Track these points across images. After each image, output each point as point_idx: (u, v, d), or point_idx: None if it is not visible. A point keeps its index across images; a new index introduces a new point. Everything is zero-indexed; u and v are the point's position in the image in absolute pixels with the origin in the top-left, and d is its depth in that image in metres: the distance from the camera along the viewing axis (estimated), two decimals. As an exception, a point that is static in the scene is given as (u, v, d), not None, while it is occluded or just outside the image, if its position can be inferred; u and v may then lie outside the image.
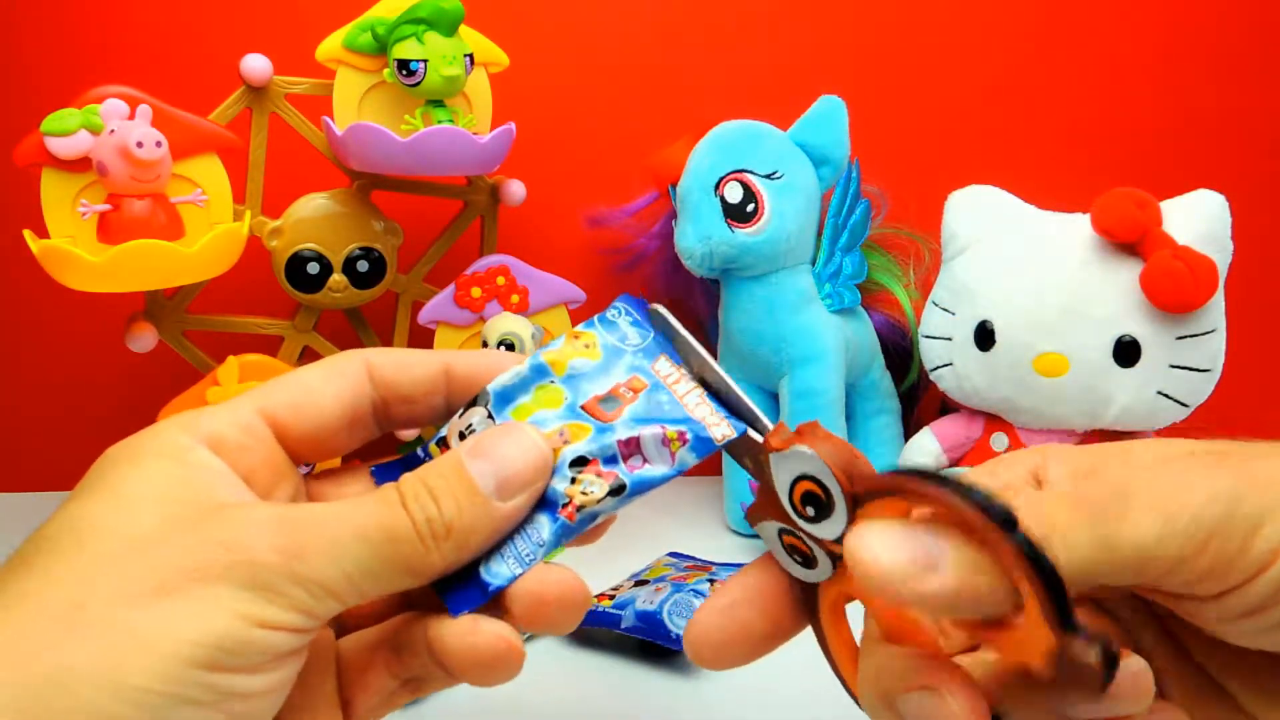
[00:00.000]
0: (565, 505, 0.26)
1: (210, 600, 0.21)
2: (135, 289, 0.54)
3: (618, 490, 0.26)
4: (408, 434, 0.62)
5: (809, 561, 0.25)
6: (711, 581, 0.51)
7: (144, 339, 0.59)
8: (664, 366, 0.28)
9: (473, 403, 0.28)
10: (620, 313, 0.29)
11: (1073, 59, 0.75)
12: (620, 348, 0.28)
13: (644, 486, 0.26)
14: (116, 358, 0.65)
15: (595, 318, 0.29)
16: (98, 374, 0.71)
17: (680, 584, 0.50)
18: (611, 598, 0.50)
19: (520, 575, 0.25)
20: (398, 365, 0.27)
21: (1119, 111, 0.75)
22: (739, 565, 0.56)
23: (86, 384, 0.72)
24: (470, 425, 0.27)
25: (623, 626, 0.48)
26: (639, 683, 0.47)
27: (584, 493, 0.26)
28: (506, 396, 0.27)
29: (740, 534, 0.64)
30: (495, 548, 0.26)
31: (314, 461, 0.27)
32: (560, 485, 0.26)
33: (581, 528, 0.26)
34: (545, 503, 0.26)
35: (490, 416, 0.27)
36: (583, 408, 0.27)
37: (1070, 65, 0.75)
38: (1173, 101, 0.75)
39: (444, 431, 0.28)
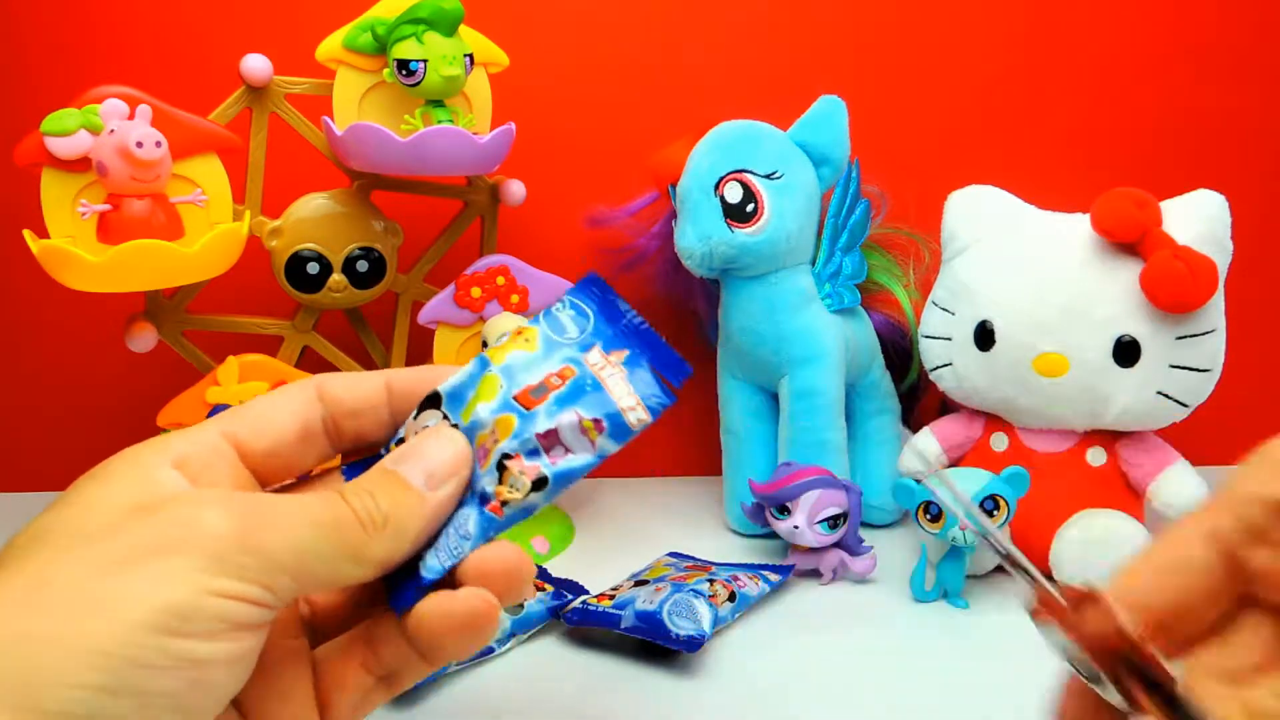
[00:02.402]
0: (491, 501, 0.27)
1: (167, 571, 0.23)
2: (135, 289, 0.54)
3: (539, 484, 0.27)
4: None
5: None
6: (711, 581, 0.51)
7: (144, 339, 0.59)
8: (595, 356, 0.29)
9: (428, 404, 0.29)
10: (564, 305, 0.30)
11: (1073, 59, 0.75)
12: (557, 340, 0.29)
13: (567, 478, 0.28)
14: (116, 358, 0.65)
15: (540, 312, 0.30)
16: (98, 374, 0.71)
17: (680, 584, 0.50)
18: (611, 598, 0.50)
19: (450, 567, 0.27)
20: (344, 383, 0.29)
21: (1119, 111, 0.75)
22: (739, 565, 0.56)
23: (86, 384, 0.72)
24: (425, 425, 0.29)
25: (623, 626, 0.48)
26: (639, 683, 0.47)
27: (510, 488, 0.27)
28: (457, 395, 0.29)
29: (740, 534, 0.64)
30: (430, 545, 0.27)
31: (276, 481, 0.29)
32: (489, 484, 0.27)
33: (512, 522, 0.28)
34: (476, 500, 0.28)
35: (445, 416, 0.29)
36: (514, 398, 0.28)
37: (1070, 65, 0.75)
38: (1173, 101, 0.75)
39: (402, 433, 0.30)
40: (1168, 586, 0.22)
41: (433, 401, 0.29)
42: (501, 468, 0.27)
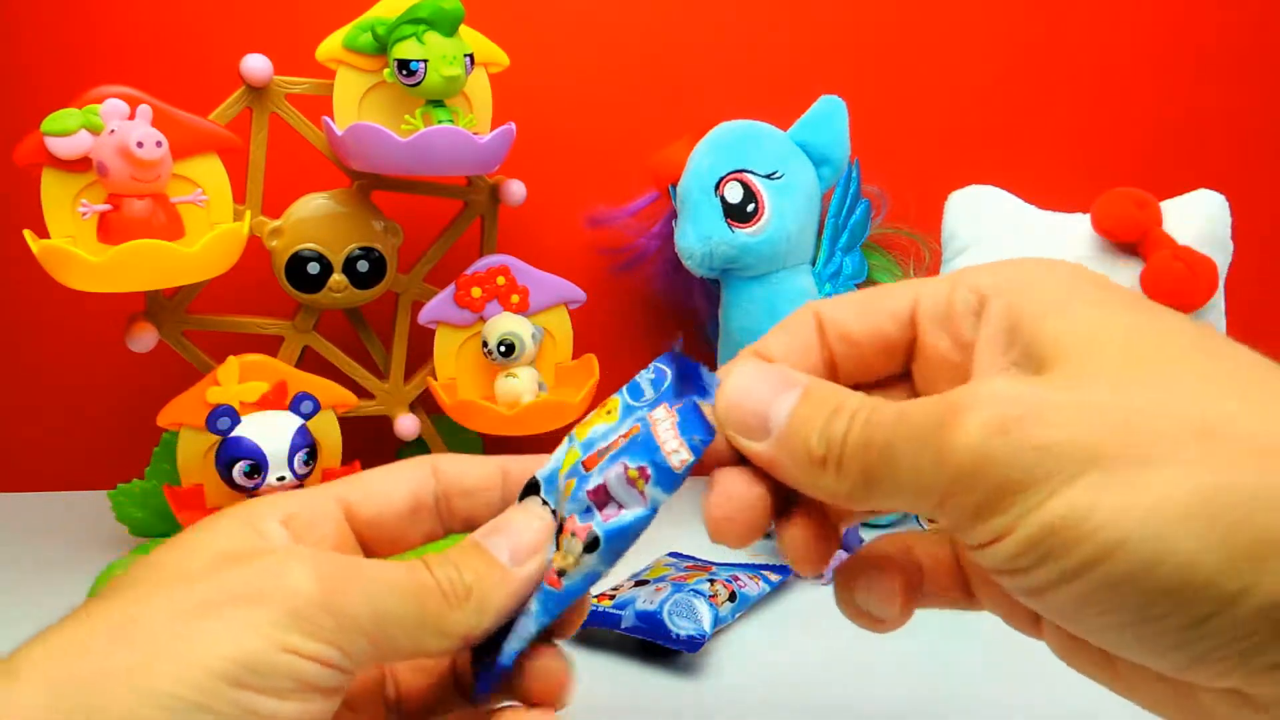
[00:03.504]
0: (548, 572, 0.27)
1: (245, 621, 0.22)
2: (135, 289, 0.54)
3: (591, 545, 0.26)
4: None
5: None
6: (711, 581, 0.51)
7: (144, 339, 0.59)
8: (660, 413, 0.27)
9: (529, 491, 0.28)
10: (648, 371, 0.29)
11: (1073, 59, 0.75)
12: (633, 405, 0.28)
13: (621, 535, 0.26)
14: (116, 358, 0.65)
15: (626, 385, 0.29)
16: (98, 374, 0.71)
17: (680, 584, 0.50)
18: (611, 598, 0.50)
19: (521, 650, 0.27)
20: (460, 464, 0.29)
21: (1119, 111, 0.75)
22: (739, 565, 0.56)
23: (86, 384, 0.72)
24: None
25: (623, 626, 0.48)
26: (639, 683, 0.47)
27: (564, 553, 0.26)
28: (551, 478, 0.28)
29: (740, 534, 0.64)
30: (510, 626, 0.27)
31: (381, 553, 0.29)
32: (550, 555, 0.27)
33: (574, 594, 0.27)
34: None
35: (544, 501, 0.28)
36: (582, 464, 0.27)
37: (1070, 65, 0.75)
38: (1173, 101, 0.75)
39: None
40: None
41: (532, 488, 0.28)
42: (559, 534, 0.27)
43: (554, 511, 0.27)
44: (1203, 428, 0.19)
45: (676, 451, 0.26)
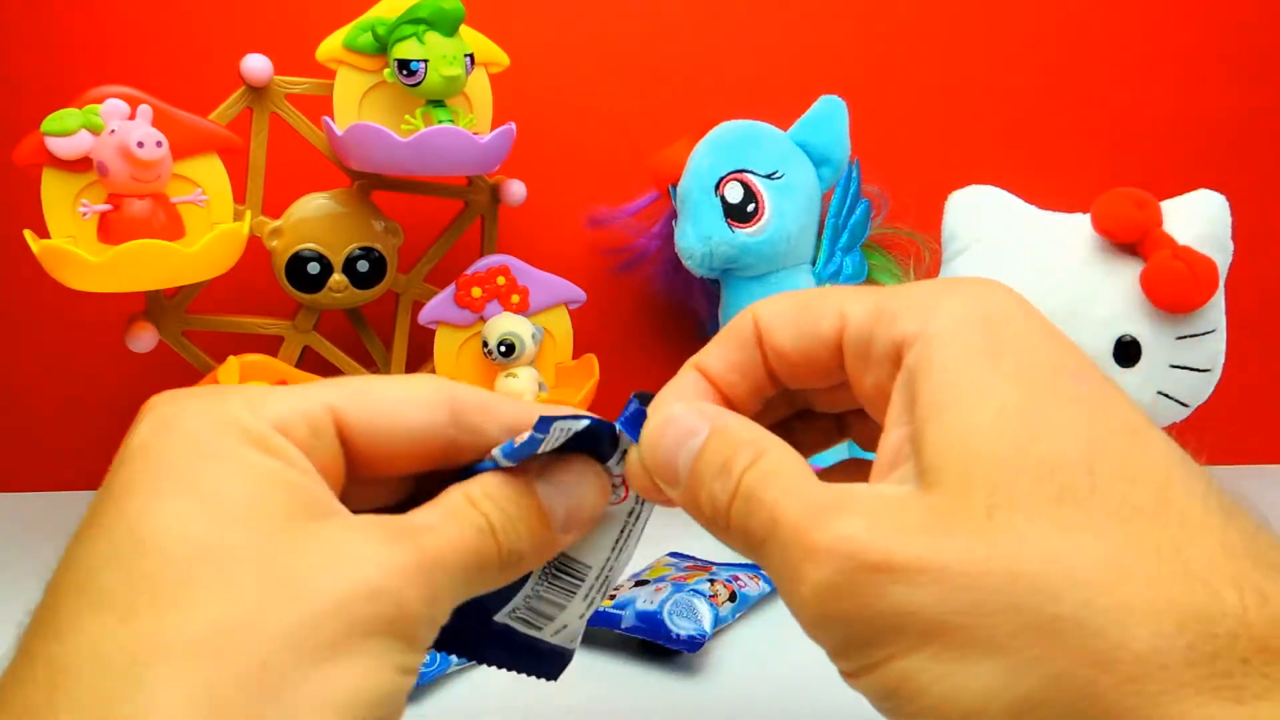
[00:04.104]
0: None
1: (373, 656, 0.20)
2: (135, 289, 0.54)
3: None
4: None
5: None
6: (711, 581, 0.51)
7: (144, 339, 0.59)
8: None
9: (585, 440, 0.26)
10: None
11: (1073, 59, 0.75)
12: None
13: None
14: (116, 358, 0.65)
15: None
16: (98, 374, 0.71)
17: (680, 584, 0.50)
18: (612, 598, 0.50)
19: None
20: (485, 409, 0.25)
21: (1119, 111, 0.75)
22: (740, 565, 0.56)
23: (86, 384, 0.72)
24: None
25: (623, 626, 0.48)
26: (639, 683, 0.47)
27: None
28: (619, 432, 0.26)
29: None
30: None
31: (368, 474, 0.25)
32: None
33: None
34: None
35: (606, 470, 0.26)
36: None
37: (1070, 65, 0.75)
38: (1173, 101, 0.75)
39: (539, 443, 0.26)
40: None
41: (590, 438, 0.25)
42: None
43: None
44: (1049, 617, 0.18)
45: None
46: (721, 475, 0.23)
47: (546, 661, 0.28)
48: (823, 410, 0.29)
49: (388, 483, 0.26)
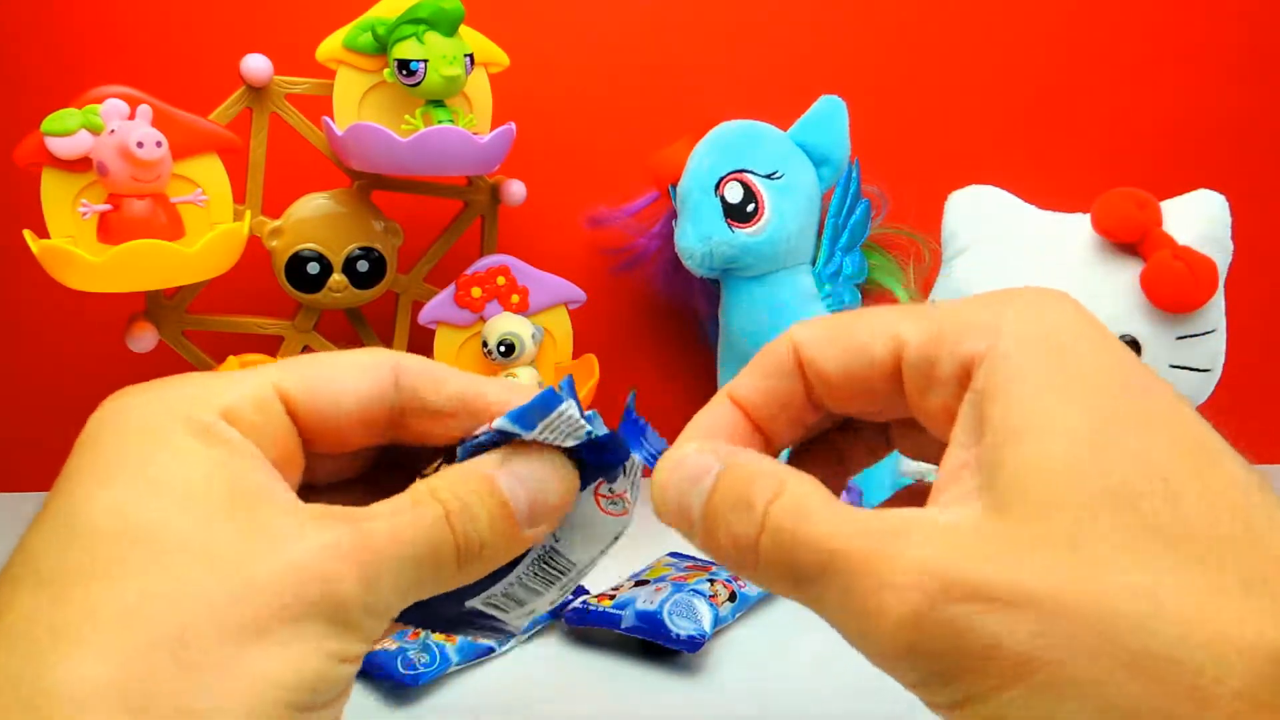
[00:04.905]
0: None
1: (302, 639, 0.20)
2: (135, 289, 0.54)
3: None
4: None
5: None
6: (711, 581, 0.51)
7: (144, 339, 0.59)
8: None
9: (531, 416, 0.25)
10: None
11: (1073, 59, 0.75)
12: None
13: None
14: (116, 358, 0.65)
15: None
16: (98, 374, 0.71)
17: (680, 584, 0.50)
18: (611, 598, 0.50)
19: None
20: (426, 379, 0.25)
21: (1119, 111, 0.75)
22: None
23: (86, 384, 0.71)
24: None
25: (623, 626, 0.48)
26: (639, 683, 0.47)
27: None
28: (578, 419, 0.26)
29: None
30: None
31: (319, 448, 0.25)
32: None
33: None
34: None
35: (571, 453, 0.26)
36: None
37: (1070, 65, 0.75)
38: (1173, 101, 0.75)
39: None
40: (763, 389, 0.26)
41: (534, 415, 0.25)
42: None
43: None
44: (1145, 654, 0.18)
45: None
46: (740, 508, 0.23)
47: (498, 633, 0.28)
48: (868, 421, 0.28)
49: (347, 456, 0.26)
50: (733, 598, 0.51)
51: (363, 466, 0.27)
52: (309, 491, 0.25)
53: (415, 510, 0.23)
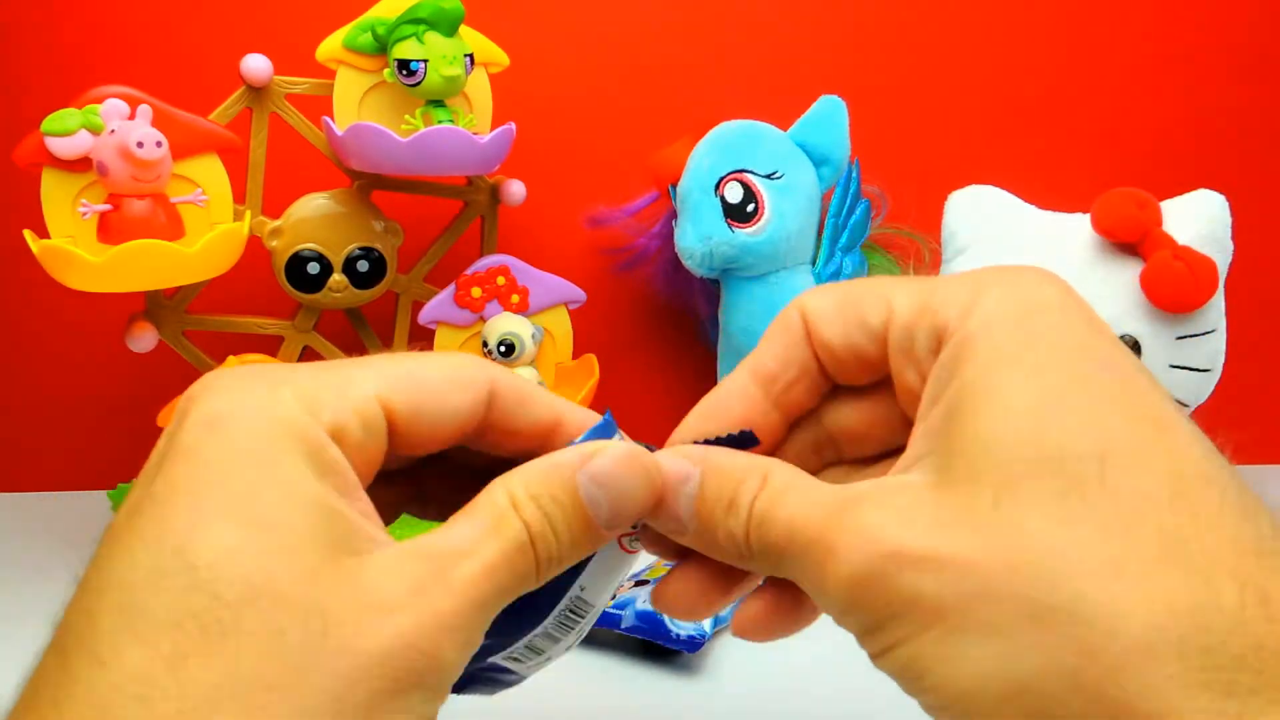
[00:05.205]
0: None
1: (406, 711, 0.20)
2: (135, 289, 0.54)
3: None
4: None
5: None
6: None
7: (144, 339, 0.59)
8: None
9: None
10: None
11: (1073, 59, 0.75)
12: None
13: None
14: (116, 358, 0.65)
15: None
16: (98, 374, 0.71)
17: (680, 584, 0.50)
18: (612, 598, 0.50)
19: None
20: (520, 398, 0.25)
21: (1119, 111, 0.75)
22: (739, 565, 0.56)
23: (86, 384, 0.72)
24: None
25: (623, 626, 0.48)
26: (639, 683, 0.47)
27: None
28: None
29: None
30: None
31: (404, 453, 0.25)
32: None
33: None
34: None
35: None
36: None
37: (1070, 65, 0.75)
38: (1173, 101, 0.75)
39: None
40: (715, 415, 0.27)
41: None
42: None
43: None
44: (1044, 607, 0.19)
45: None
46: (732, 511, 0.24)
47: (500, 687, 0.28)
48: (854, 456, 0.29)
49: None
50: (733, 598, 0.51)
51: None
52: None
53: (502, 535, 0.22)
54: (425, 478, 0.28)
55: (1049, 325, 0.22)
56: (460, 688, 0.27)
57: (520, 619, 0.25)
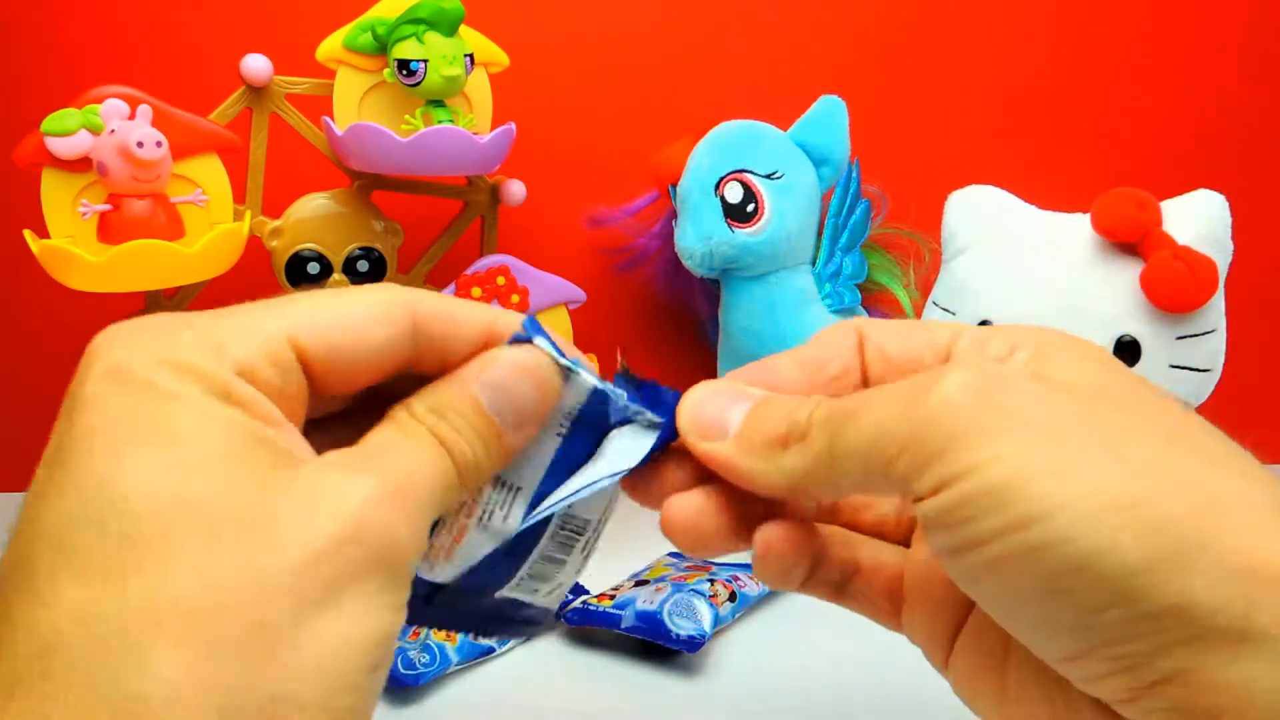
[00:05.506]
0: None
1: (369, 597, 0.20)
2: (135, 289, 0.54)
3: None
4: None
5: None
6: (712, 581, 0.51)
7: (144, 339, 0.59)
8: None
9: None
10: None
11: (1073, 59, 0.75)
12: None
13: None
14: (116, 358, 0.65)
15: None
16: (98, 374, 0.71)
17: (680, 584, 0.50)
18: (612, 598, 0.50)
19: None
20: (448, 321, 0.24)
21: (1119, 111, 0.75)
22: (740, 565, 0.56)
23: (86, 384, 0.72)
24: None
25: (623, 626, 0.48)
26: (639, 683, 0.47)
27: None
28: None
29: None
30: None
31: (327, 392, 0.24)
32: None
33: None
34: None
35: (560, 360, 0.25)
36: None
37: (1070, 65, 0.75)
38: (1173, 101, 0.75)
39: None
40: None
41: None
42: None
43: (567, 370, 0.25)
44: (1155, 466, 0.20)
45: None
46: (801, 403, 0.24)
47: (532, 624, 0.28)
48: (849, 521, 0.29)
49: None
50: (733, 598, 0.51)
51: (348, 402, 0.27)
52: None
53: (416, 440, 0.22)
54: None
55: (1118, 370, 0.24)
56: (489, 630, 0.27)
57: (512, 546, 0.26)
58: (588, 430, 0.26)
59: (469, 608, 0.26)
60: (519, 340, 0.25)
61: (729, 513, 0.26)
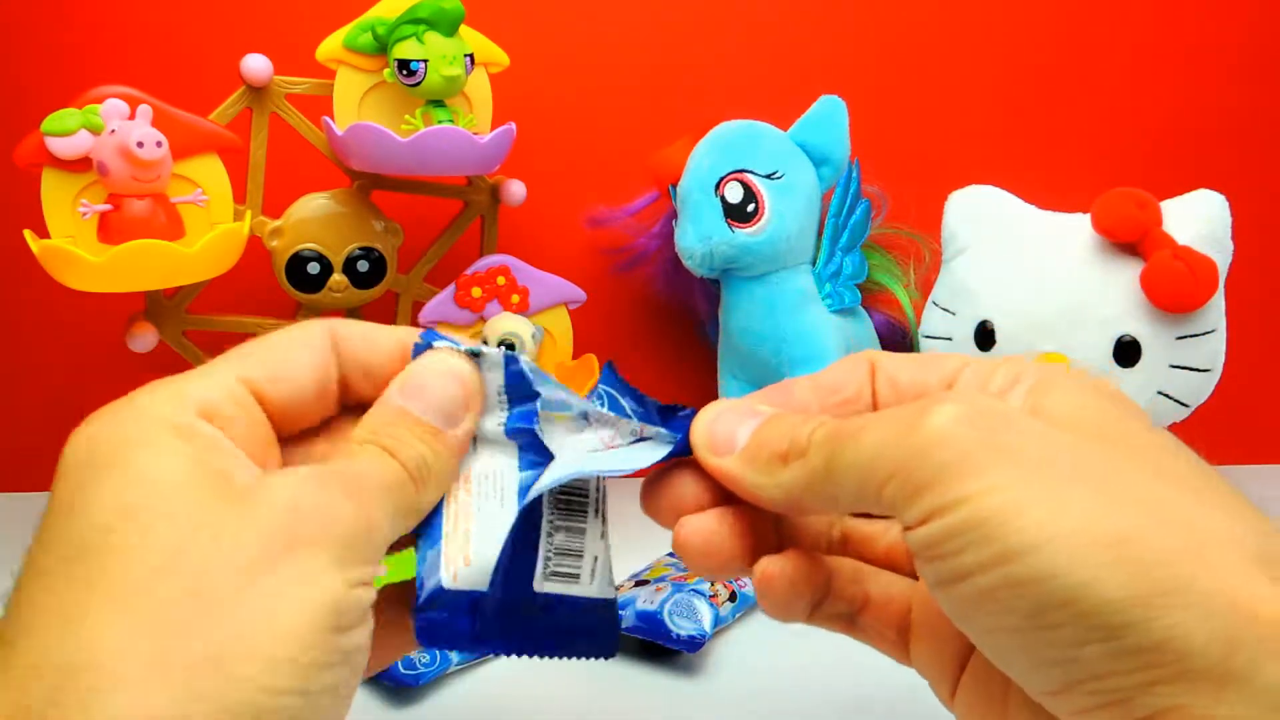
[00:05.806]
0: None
1: (314, 566, 0.22)
2: (135, 289, 0.54)
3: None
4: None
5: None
6: (712, 581, 0.51)
7: (144, 339, 0.59)
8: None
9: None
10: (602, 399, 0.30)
11: (1073, 59, 0.75)
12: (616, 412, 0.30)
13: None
14: (116, 358, 0.65)
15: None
16: (98, 374, 0.71)
17: (680, 584, 0.50)
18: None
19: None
20: (361, 339, 0.27)
21: (1120, 111, 0.75)
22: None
23: (86, 384, 0.72)
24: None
25: (623, 626, 0.48)
26: (639, 683, 0.47)
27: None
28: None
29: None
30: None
31: (288, 433, 0.27)
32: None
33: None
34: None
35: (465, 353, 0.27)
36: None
37: (1070, 65, 0.75)
38: (1173, 101, 0.75)
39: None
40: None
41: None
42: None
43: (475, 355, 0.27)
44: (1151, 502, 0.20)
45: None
46: (804, 422, 0.25)
47: (599, 633, 0.28)
48: (857, 554, 0.30)
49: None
50: (733, 598, 0.51)
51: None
52: None
53: (360, 453, 0.25)
54: None
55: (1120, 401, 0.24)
56: (551, 648, 0.28)
57: (523, 532, 0.26)
58: (521, 399, 0.27)
59: (521, 623, 0.27)
60: (421, 350, 0.27)
61: (741, 537, 0.26)
